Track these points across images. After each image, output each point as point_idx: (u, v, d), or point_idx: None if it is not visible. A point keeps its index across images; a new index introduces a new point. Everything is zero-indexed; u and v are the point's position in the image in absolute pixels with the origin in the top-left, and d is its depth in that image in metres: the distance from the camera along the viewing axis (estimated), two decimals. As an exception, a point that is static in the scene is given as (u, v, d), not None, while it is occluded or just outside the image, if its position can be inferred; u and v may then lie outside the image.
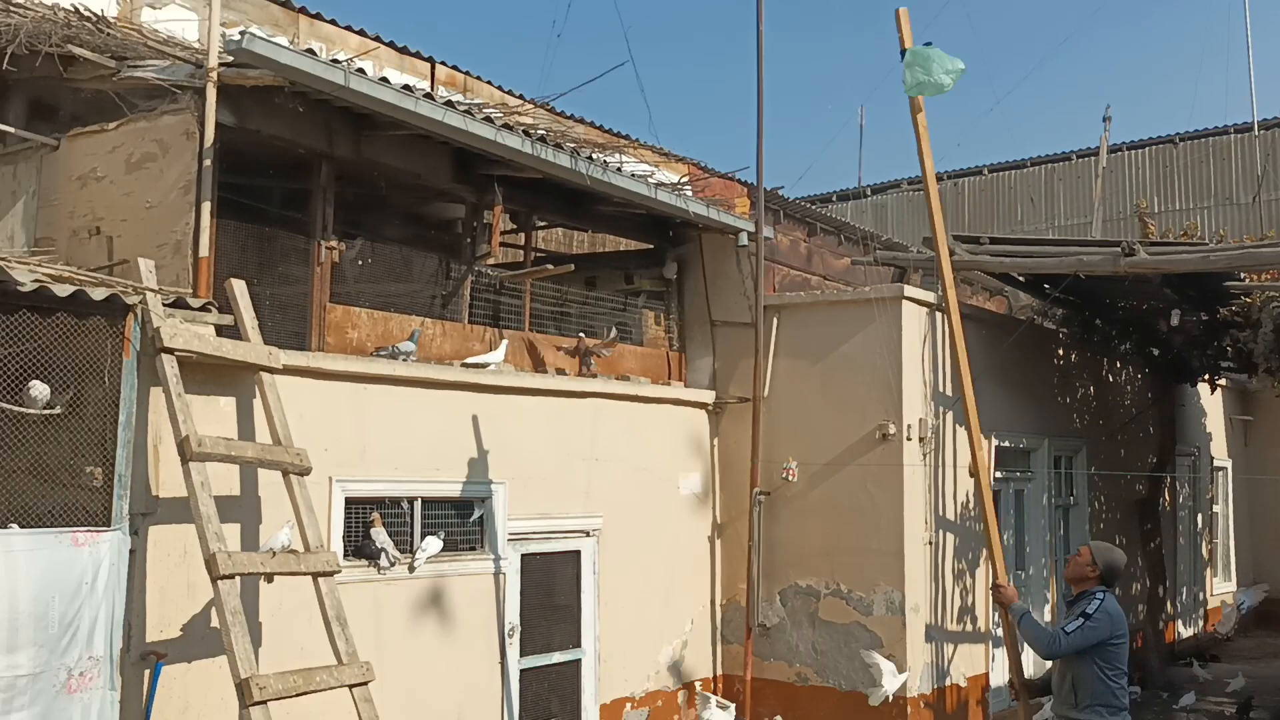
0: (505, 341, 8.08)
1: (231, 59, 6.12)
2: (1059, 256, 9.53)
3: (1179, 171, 19.15)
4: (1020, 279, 11.12)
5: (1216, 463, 15.68)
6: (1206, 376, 13.24)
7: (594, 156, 8.27)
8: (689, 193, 9.54)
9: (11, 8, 6.78)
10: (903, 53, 6.65)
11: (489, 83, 11.77)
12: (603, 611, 8.57)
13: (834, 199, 22.61)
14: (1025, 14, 42.28)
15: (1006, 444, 10.57)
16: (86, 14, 6.93)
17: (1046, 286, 10.78)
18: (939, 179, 21.15)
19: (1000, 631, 8.07)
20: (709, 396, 9.80)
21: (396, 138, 7.34)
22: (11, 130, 6.95)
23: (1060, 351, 12.05)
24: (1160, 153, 19.35)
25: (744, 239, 9.65)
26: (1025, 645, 6.52)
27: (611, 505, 8.68)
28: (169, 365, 5.47)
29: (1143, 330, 12.31)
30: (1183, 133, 19.30)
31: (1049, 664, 6.38)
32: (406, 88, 6.90)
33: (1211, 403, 15.35)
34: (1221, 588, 15.72)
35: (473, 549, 7.64)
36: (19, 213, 6.84)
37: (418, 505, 7.26)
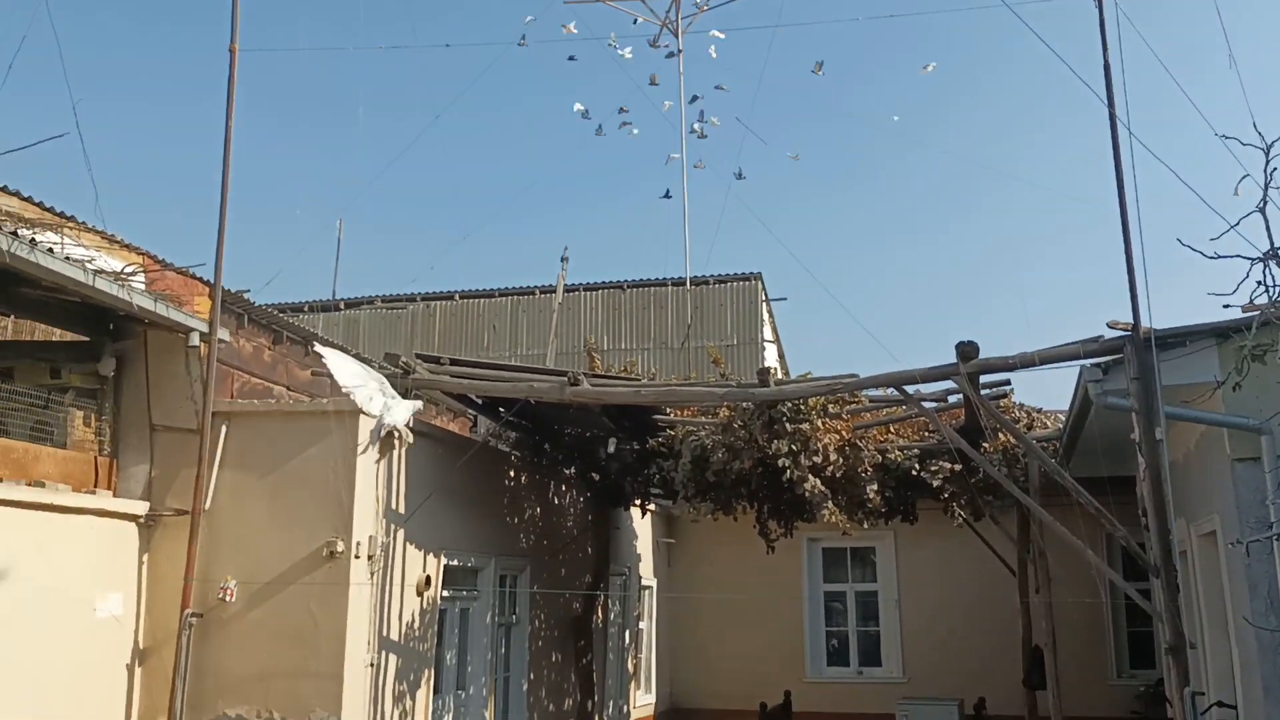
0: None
1: None
2: (512, 382, 10.03)
3: (625, 315, 21.24)
4: (478, 401, 11.53)
5: (644, 582, 17.10)
6: (638, 501, 14.49)
7: (19, 233, 7.35)
8: (140, 284, 8.80)
9: None
10: None
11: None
12: (-18, 758, 7.31)
13: (306, 309, 22.22)
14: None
15: (455, 562, 10.74)
16: None
17: (502, 410, 11.27)
18: (412, 299, 21.99)
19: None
20: (141, 508, 8.93)
21: None
22: None
23: (512, 473, 12.58)
24: (610, 296, 21.37)
25: (194, 339, 9.05)
26: None
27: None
28: None
29: (585, 456, 13.23)
30: (630, 280, 21.49)
31: None
32: None
33: (642, 526, 16.79)
34: (643, 700, 16.98)
35: None
36: None
37: None
